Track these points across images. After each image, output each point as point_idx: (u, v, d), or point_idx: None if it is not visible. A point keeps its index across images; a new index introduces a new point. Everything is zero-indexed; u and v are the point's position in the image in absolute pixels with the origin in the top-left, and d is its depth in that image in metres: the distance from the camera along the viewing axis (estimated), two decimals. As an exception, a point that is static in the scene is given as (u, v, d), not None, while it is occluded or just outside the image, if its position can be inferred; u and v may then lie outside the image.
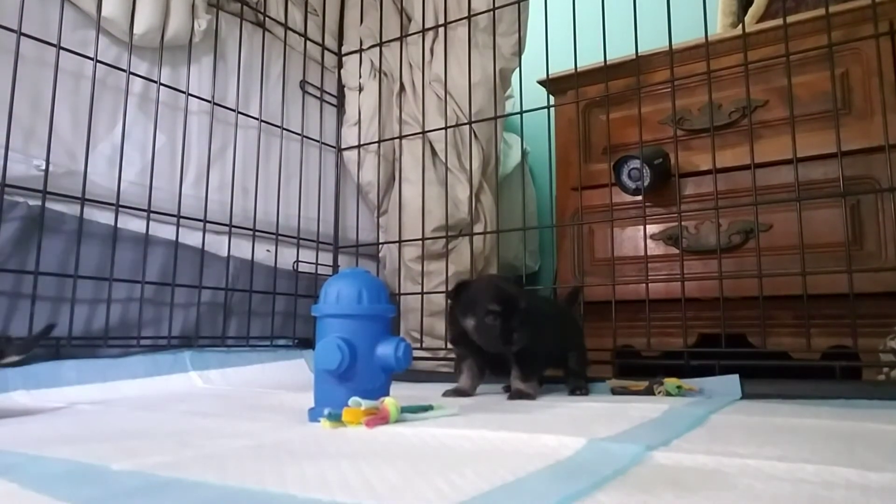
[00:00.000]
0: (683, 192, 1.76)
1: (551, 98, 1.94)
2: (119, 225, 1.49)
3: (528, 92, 1.89)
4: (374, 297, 0.99)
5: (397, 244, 2.06)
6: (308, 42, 2.10)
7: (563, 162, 2.02)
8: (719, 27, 2.16)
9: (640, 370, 1.59)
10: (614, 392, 1.35)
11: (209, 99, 1.75)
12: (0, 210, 1.28)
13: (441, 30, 2.09)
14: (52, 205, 1.39)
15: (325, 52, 2.20)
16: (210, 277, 1.71)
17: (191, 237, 1.67)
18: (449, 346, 1.91)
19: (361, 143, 2.15)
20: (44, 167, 1.35)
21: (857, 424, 0.88)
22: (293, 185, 2.00)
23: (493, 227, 2.01)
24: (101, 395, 1.28)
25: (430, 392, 1.33)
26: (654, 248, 1.80)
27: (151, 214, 1.56)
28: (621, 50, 1.81)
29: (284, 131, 1.97)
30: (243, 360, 1.67)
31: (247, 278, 1.81)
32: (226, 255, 1.77)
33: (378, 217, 2.22)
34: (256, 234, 1.84)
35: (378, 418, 0.89)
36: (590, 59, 1.84)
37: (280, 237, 1.91)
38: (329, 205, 2.15)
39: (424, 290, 1.98)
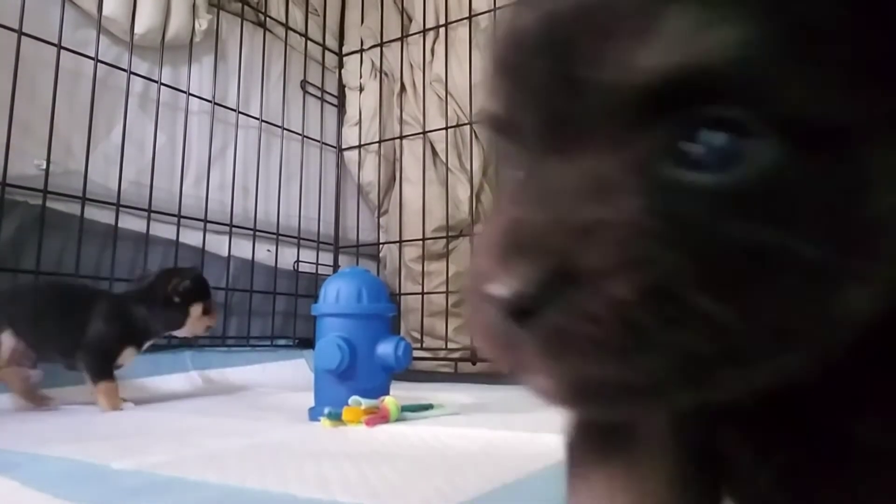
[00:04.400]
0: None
1: (552, 98, 1.94)
2: (119, 224, 1.49)
3: (529, 92, 1.89)
4: (374, 296, 0.99)
5: (398, 244, 2.06)
6: (309, 42, 2.10)
7: (564, 162, 2.02)
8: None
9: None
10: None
11: (210, 99, 1.75)
12: (1, 209, 1.28)
13: (442, 30, 2.09)
14: (51, 204, 1.39)
15: (326, 52, 2.20)
16: (210, 277, 1.70)
17: (191, 237, 1.67)
18: (451, 345, 1.91)
19: (362, 143, 2.15)
20: (44, 166, 1.35)
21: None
22: (294, 184, 2.00)
23: (494, 228, 2.01)
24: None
25: (430, 392, 1.33)
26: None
27: (152, 214, 1.56)
28: (622, 50, 1.81)
29: (285, 131, 1.97)
30: (244, 360, 1.67)
31: (247, 278, 1.81)
32: (226, 254, 1.77)
33: (378, 217, 2.22)
34: (257, 233, 1.84)
35: (378, 417, 0.89)
36: (590, 59, 1.84)
37: (280, 237, 1.91)
38: (329, 205, 2.15)
39: (425, 291, 1.98)
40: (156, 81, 1.61)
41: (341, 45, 2.28)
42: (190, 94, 1.70)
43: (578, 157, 0.21)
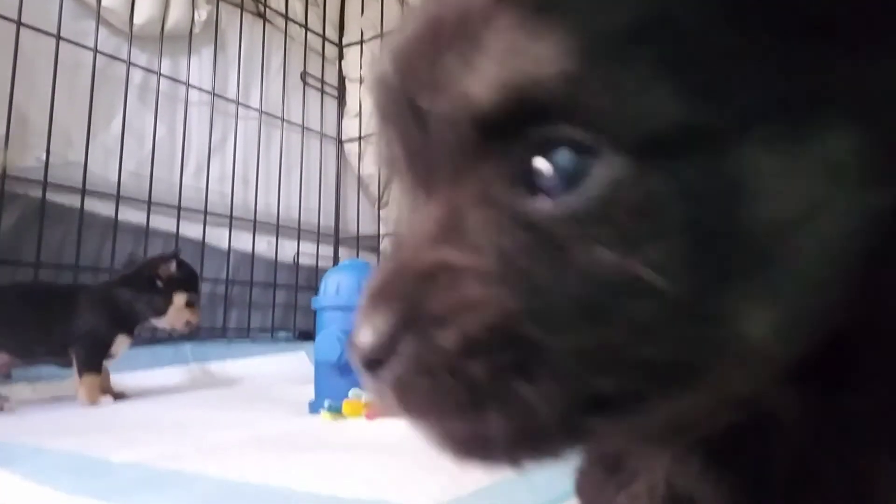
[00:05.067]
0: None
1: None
2: (119, 216, 1.49)
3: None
4: (375, 289, 0.99)
5: (398, 236, 2.05)
6: (309, 33, 2.09)
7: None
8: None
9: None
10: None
11: (209, 90, 1.75)
12: (1, 201, 1.28)
13: (442, 21, 2.08)
14: (51, 196, 1.39)
15: (326, 43, 2.19)
16: (210, 269, 1.71)
17: (191, 229, 1.67)
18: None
19: (362, 134, 2.14)
20: (44, 158, 1.35)
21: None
22: (294, 176, 2.00)
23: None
24: (101, 387, 1.28)
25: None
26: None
27: (151, 206, 1.56)
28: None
29: (285, 123, 1.97)
30: (244, 352, 1.67)
31: (247, 270, 1.81)
32: (226, 247, 1.76)
33: (379, 209, 2.22)
34: (257, 226, 1.84)
35: (379, 410, 0.89)
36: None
37: (280, 229, 1.91)
38: (330, 197, 2.14)
39: (425, 283, 1.98)
40: (155, 72, 1.61)
41: (341, 36, 2.27)
42: (190, 86, 1.69)
43: (435, 195, 0.20)
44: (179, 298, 1.21)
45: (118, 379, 1.26)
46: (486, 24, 0.18)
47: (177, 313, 1.22)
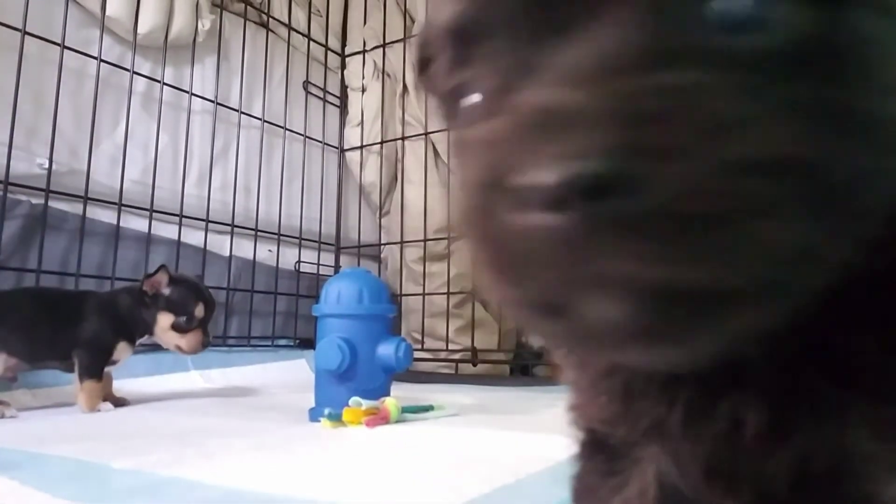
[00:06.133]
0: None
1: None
2: (121, 224, 1.49)
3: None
4: (375, 296, 0.99)
5: (399, 245, 2.06)
6: (311, 42, 2.10)
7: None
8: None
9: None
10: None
11: (212, 99, 1.75)
12: (4, 208, 1.28)
13: (444, 31, 2.09)
14: (54, 203, 1.39)
15: (329, 52, 2.20)
16: (211, 277, 1.71)
17: (193, 236, 1.68)
18: (451, 346, 1.91)
19: (364, 143, 2.15)
20: (47, 165, 1.35)
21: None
22: (295, 185, 2.00)
23: (495, 229, 2.01)
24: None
25: (430, 392, 1.33)
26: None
27: (154, 213, 1.56)
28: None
29: (287, 132, 1.98)
30: (244, 360, 1.67)
31: (248, 278, 1.81)
32: (228, 254, 1.77)
33: (380, 218, 2.22)
34: (258, 234, 1.84)
35: (378, 418, 0.89)
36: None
37: (282, 237, 1.91)
38: (331, 205, 2.15)
39: (426, 291, 1.98)
40: (159, 81, 1.61)
41: (344, 45, 2.28)
42: (193, 94, 1.70)
43: (591, 34, 0.17)
44: (164, 319, 1.17)
45: (119, 385, 1.26)
46: None
47: (164, 334, 1.18)
